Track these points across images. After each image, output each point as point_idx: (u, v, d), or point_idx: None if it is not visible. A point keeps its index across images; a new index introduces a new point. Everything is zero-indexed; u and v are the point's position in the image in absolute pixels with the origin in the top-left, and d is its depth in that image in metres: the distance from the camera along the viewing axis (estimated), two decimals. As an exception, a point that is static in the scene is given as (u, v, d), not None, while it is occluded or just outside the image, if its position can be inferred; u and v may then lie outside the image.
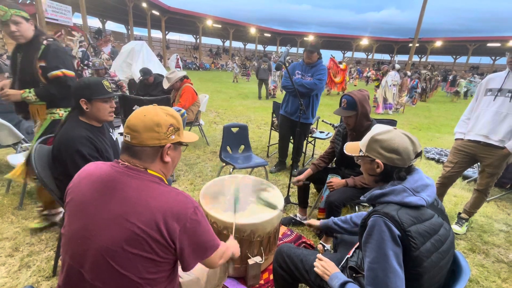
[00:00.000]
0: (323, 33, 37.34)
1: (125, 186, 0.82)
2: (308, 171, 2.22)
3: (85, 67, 6.29)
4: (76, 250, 0.82)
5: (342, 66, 11.67)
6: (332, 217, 1.45)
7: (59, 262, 1.66)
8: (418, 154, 0.99)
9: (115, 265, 0.77)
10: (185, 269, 0.87)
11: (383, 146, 0.99)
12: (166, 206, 0.81)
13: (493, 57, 32.31)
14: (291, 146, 3.64)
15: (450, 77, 16.49)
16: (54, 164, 1.51)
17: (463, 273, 0.97)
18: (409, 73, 9.91)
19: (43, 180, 1.44)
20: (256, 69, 9.96)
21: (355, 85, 19.06)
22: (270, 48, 43.67)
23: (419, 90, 11.21)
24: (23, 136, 2.54)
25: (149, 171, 0.88)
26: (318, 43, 2.98)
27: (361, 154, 1.08)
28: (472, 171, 3.76)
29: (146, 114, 0.86)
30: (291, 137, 3.50)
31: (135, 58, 6.73)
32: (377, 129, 1.06)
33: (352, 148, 1.16)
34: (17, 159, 2.37)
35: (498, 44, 27.01)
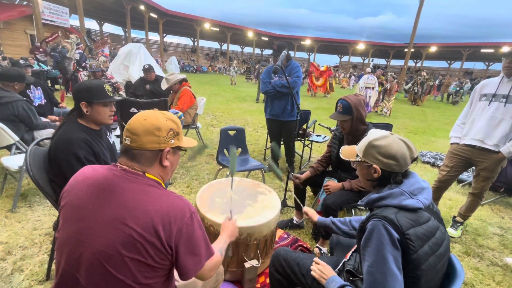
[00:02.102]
0: (320, 38, 37.49)
1: (123, 190, 0.82)
2: (306, 173, 2.24)
3: (81, 69, 6.26)
4: (71, 254, 0.80)
5: (322, 68, 11.85)
6: (331, 217, 1.46)
7: (53, 266, 1.64)
8: (414, 159, 1.00)
9: (111, 269, 0.76)
10: (181, 276, 0.86)
11: (380, 152, 0.99)
12: (164, 209, 0.80)
13: (487, 63, 32.81)
14: (283, 148, 3.68)
15: (437, 81, 16.91)
16: (50, 165, 1.49)
17: (458, 276, 0.97)
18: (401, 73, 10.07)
19: (38, 182, 1.42)
20: (256, 72, 10.01)
21: (343, 88, 19.21)
22: (267, 51, 43.88)
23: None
24: (17, 138, 2.51)
25: (147, 174, 0.88)
26: (282, 46, 2.98)
27: (357, 159, 1.08)
28: (467, 175, 3.80)
29: (146, 118, 0.87)
30: (282, 138, 3.53)
31: (132, 60, 6.71)
32: (373, 134, 1.05)
33: (348, 152, 1.15)
34: (11, 161, 2.35)
35: (491, 50, 27.43)
